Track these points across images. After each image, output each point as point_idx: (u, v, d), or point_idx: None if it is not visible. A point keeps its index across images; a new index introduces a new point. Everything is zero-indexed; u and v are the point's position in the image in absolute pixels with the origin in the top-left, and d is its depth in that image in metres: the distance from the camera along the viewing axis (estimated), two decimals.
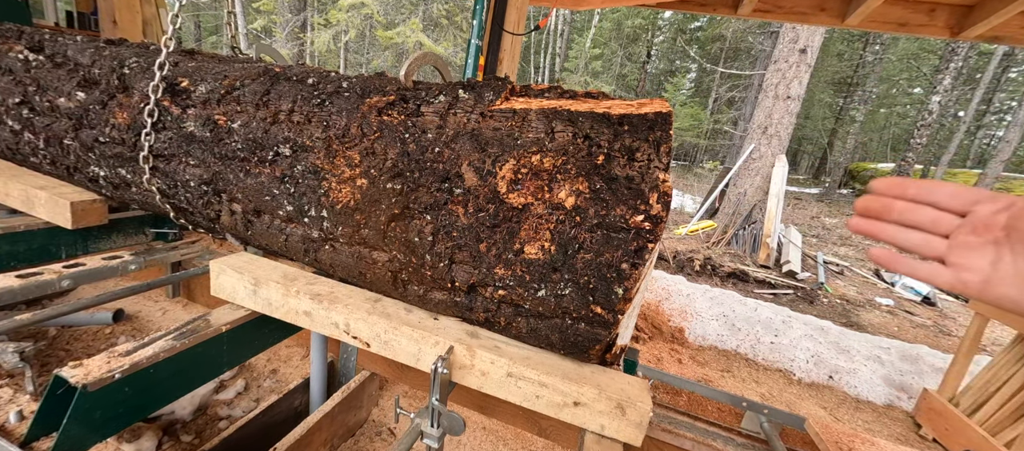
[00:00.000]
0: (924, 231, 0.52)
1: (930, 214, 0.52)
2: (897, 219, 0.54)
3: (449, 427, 0.89)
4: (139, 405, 0.86)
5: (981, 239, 0.49)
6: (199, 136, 1.05)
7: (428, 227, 0.88)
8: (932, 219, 0.52)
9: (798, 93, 5.95)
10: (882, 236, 0.54)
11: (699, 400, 1.82)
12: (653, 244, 0.76)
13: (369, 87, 1.00)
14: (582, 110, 0.86)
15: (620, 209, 0.76)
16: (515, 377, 0.88)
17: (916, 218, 0.53)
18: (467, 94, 0.95)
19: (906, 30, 2.59)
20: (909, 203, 0.53)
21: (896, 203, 0.54)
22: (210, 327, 0.99)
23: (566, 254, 0.78)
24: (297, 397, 1.59)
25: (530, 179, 0.83)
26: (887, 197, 0.55)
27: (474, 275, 0.87)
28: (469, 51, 1.96)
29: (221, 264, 1.08)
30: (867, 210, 0.56)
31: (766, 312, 3.21)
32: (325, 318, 1.00)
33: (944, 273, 0.50)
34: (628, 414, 0.83)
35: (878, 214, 0.55)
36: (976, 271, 0.48)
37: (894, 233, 0.54)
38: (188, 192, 1.10)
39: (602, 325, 0.80)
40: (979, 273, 0.48)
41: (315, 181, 0.95)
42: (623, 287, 0.76)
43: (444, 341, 0.91)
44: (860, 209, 0.56)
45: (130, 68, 1.15)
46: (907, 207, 0.53)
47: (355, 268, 1.00)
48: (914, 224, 0.53)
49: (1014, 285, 0.46)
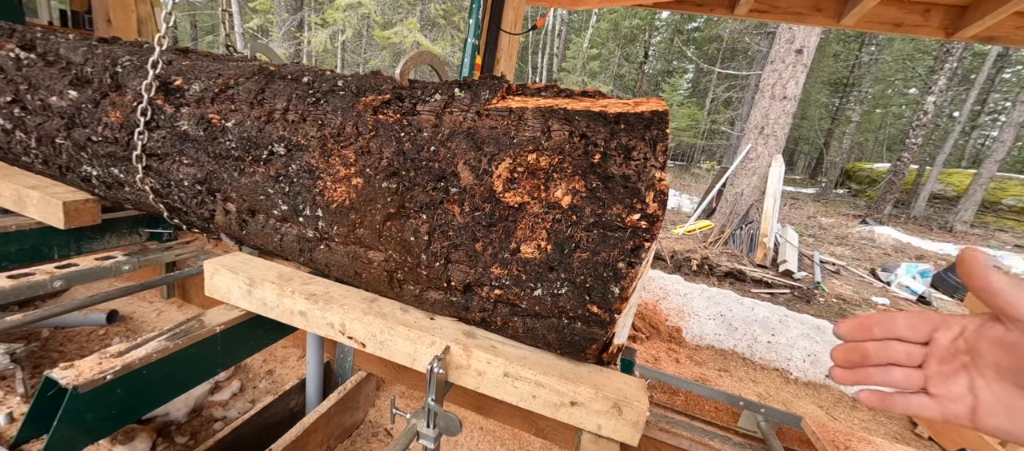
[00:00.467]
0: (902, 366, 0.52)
1: (902, 349, 0.51)
2: (874, 361, 0.53)
3: (445, 428, 0.88)
4: (132, 407, 0.85)
5: (950, 367, 0.48)
6: (193, 135, 1.04)
7: (424, 226, 0.87)
8: (906, 353, 0.51)
9: (794, 93, 5.97)
10: (867, 382, 0.54)
11: (696, 399, 1.82)
12: (650, 243, 0.75)
13: (365, 86, 0.99)
14: (578, 109, 0.86)
15: (616, 208, 0.76)
16: (512, 377, 0.88)
17: (891, 355, 0.52)
18: (463, 93, 0.94)
19: (901, 30, 2.60)
20: (878, 342, 0.52)
21: (868, 346, 0.53)
22: (204, 328, 0.98)
23: (562, 253, 0.78)
24: (293, 398, 1.58)
25: (526, 178, 0.82)
26: (855, 341, 0.54)
27: (470, 275, 0.86)
28: (465, 50, 1.95)
29: (215, 264, 1.07)
30: (846, 360, 0.55)
31: (763, 311, 3.22)
32: (320, 318, 0.99)
33: (932, 406, 0.50)
34: (625, 414, 0.83)
35: (855, 361, 0.54)
36: (958, 400, 0.48)
37: (877, 376, 0.53)
38: (182, 192, 1.09)
39: (599, 324, 0.80)
40: (962, 402, 0.47)
41: (310, 180, 0.94)
42: (619, 286, 0.75)
43: (440, 341, 0.91)
44: (839, 359, 0.55)
45: (123, 66, 1.14)
46: (879, 347, 0.52)
47: (351, 268, 0.99)
48: (891, 361, 0.52)
49: (999, 414, 0.45)
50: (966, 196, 12.00)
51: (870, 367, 0.53)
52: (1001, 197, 13.42)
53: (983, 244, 10.37)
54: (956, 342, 0.48)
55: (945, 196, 14.41)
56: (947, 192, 14.48)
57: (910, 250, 8.08)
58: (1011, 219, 13.01)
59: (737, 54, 21.04)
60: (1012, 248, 10.13)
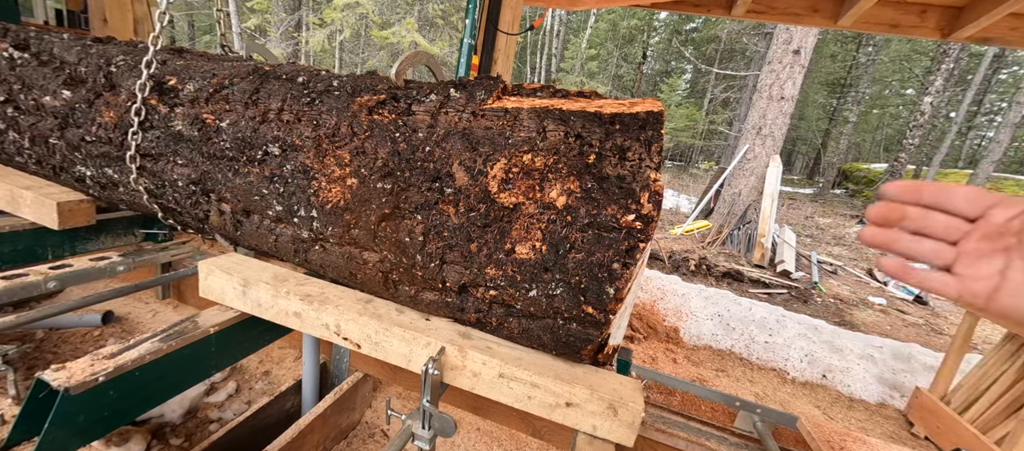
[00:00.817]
0: (936, 239, 0.50)
1: (943, 221, 0.50)
2: (910, 226, 0.52)
3: (440, 429, 0.88)
4: (124, 408, 0.85)
5: (992, 246, 0.47)
6: (187, 135, 1.03)
7: (419, 227, 0.87)
8: (945, 226, 0.50)
9: (792, 94, 5.99)
10: (895, 248, 0.52)
11: (693, 400, 1.82)
12: (644, 244, 0.75)
13: (360, 86, 0.99)
14: (574, 109, 0.86)
15: (611, 208, 0.75)
16: (507, 378, 0.88)
17: (928, 225, 0.51)
18: (459, 93, 0.94)
19: (898, 31, 2.61)
20: (922, 209, 0.51)
21: (909, 209, 0.52)
22: (198, 329, 0.98)
23: (557, 254, 0.78)
24: (289, 399, 1.57)
25: (521, 178, 0.82)
26: (900, 203, 0.52)
27: (465, 275, 0.86)
28: (462, 50, 1.95)
29: (210, 265, 1.07)
30: (881, 218, 0.53)
31: (760, 311, 3.22)
32: (315, 319, 0.99)
33: (952, 283, 0.49)
34: (620, 415, 0.83)
35: (891, 221, 0.53)
36: (983, 280, 0.47)
37: (907, 244, 0.52)
38: (176, 192, 1.08)
39: (594, 325, 0.80)
40: (986, 282, 0.47)
41: (305, 181, 0.94)
42: (614, 287, 0.75)
43: (435, 342, 0.91)
44: (875, 217, 0.54)
45: (117, 66, 1.14)
46: (920, 213, 0.51)
47: (346, 269, 0.99)
48: (926, 231, 0.51)
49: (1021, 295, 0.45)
50: None
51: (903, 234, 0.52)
52: None
53: None
54: (1011, 222, 0.46)
55: None
56: None
57: None
58: None
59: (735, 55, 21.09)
60: None
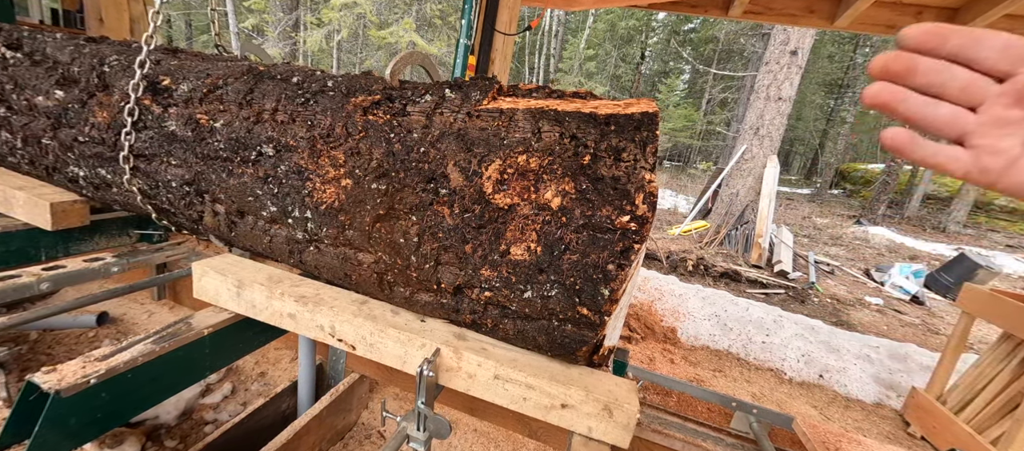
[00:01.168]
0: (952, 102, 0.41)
1: (963, 77, 0.40)
2: (922, 81, 0.41)
3: (435, 430, 0.88)
4: (117, 411, 0.84)
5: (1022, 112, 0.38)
6: (181, 135, 1.03)
7: (413, 228, 0.87)
8: (964, 84, 0.40)
9: (789, 94, 6.01)
10: (902, 110, 0.42)
11: (689, 400, 1.83)
12: (639, 245, 0.75)
13: (355, 86, 0.99)
14: (569, 110, 0.85)
15: (606, 209, 0.75)
16: (502, 379, 0.87)
17: (944, 82, 0.41)
18: (454, 93, 0.94)
19: (894, 33, 2.61)
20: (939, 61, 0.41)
21: (923, 61, 0.41)
22: (192, 330, 0.97)
23: (552, 255, 0.78)
24: (285, 400, 1.57)
25: (516, 179, 0.82)
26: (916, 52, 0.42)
27: (460, 276, 0.85)
28: (457, 51, 1.94)
29: (204, 266, 1.06)
30: (886, 71, 0.42)
31: (757, 312, 3.23)
32: (310, 321, 0.98)
33: (963, 158, 0.41)
34: (615, 416, 0.82)
35: (899, 76, 0.42)
36: (1002, 153, 0.39)
37: (917, 107, 0.42)
38: (170, 193, 1.08)
39: (589, 326, 0.79)
40: (1004, 156, 0.39)
41: (299, 181, 0.94)
42: (609, 288, 0.75)
43: (430, 343, 0.90)
44: (878, 70, 0.43)
45: (110, 66, 1.13)
46: (935, 67, 0.41)
47: (340, 270, 0.98)
48: (940, 92, 0.41)
49: None
50: (959, 197, 12.11)
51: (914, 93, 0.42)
52: (993, 198, 13.56)
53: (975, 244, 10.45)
54: None
55: (938, 197, 14.53)
56: (940, 193, 14.60)
57: (904, 250, 8.15)
58: (1003, 219, 13.15)
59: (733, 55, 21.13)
60: (1004, 248, 10.23)
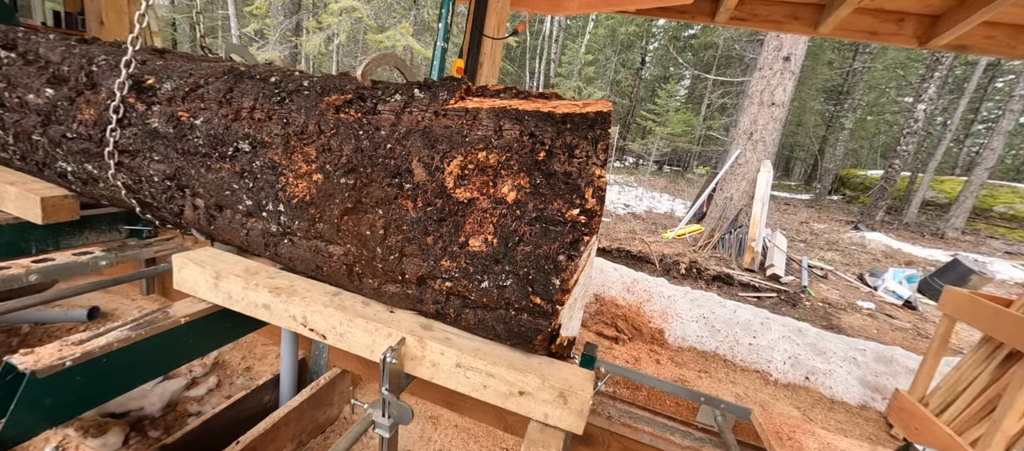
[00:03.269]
0: None
1: None
2: None
3: (398, 416, 0.91)
4: (91, 394, 0.88)
5: None
6: (163, 132, 1.07)
7: (380, 221, 0.91)
8: None
9: (783, 99, 6.06)
10: None
11: (658, 395, 1.85)
12: (589, 237, 0.79)
13: (329, 86, 1.03)
14: (529, 109, 0.89)
15: (557, 203, 0.79)
16: (463, 368, 0.91)
17: None
18: (423, 93, 0.98)
19: (876, 39, 2.66)
20: None
21: None
22: (168, 318, 1.01)
23: (507, 247, 0.81)
24: (267, 393, 1.60)
25: (476, 175, 0.86)
26: None
27: (423, 268, 0.89)
28: (435, 53, 1.99)
29: (183, 258, 1.10)
30: None
31: (745, 314, 3.25)
32: (283, 311, 1.02)
33: None
34: (570, 403, 0.86)
35: None
36: None
37: None
38: (152, 187, 1.12)
39: (543, 315, 0.83)
40: None
41: (273, 176, 0.98)
42: (560, 278, 0.79)
43: (396, 333, 0.94)
44: None
45: (98, 66, 1.18)
46: None
47: (313, 262, 1.02)
48: None
49: None
50: (957, 203, 12.11)
51: None
52: (992, 204, 13.55)
53: (973, 250, 10.45)
54: None
55: (937, 203, 14.52)
56: (939, 199, 14.60)
57: (900, 255, 8.15)
58: (1002, 226, 13.13)
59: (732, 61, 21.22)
60: (1002, 255, 10.22)
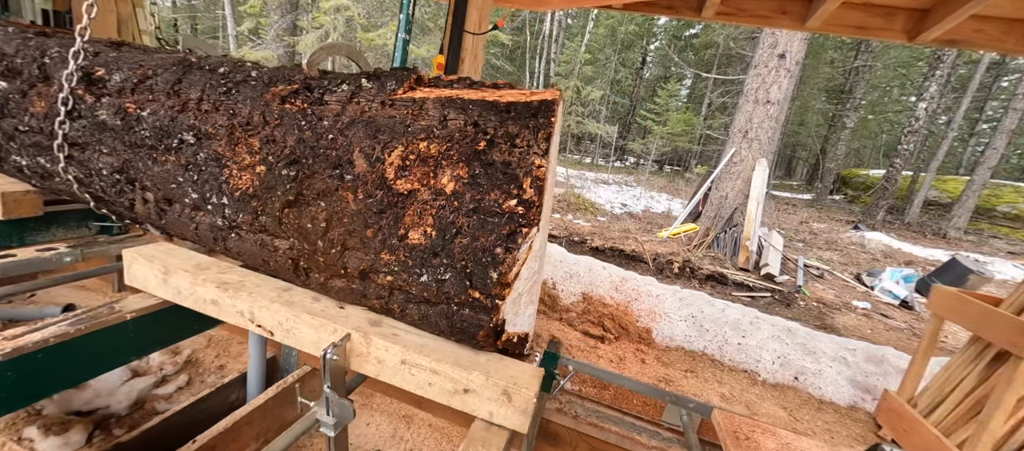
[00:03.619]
0: None
1: None
2: None
3: (340, 415, 0.88)
4: (27, 390, 0.86)
5: None
6: (110, 124, 1.05)
7: (322, 214, 0.88)
8: None
9: (778, 97, 6.01)
10: None
11: (626, 394, 1.82)
12: (528, 229, 0.76)
13: (277, 77, 1.01)
14: (474, 98, 0.87)
15: (495, 194, 0.76)
16: (409, 364, 0.88)
17: None
18: (371, 83, 0.95)
19: (865, 34, 2.62)
20: None
21: None
22: (113, 314, 0.99)
23: (445, 239, 0.79)
24: (233, 391, 1.58)
25: (417, 165, 0.83)
26: None
27: (364, 261, 0.87)
28: (396, 46, 1.96)
29: (133, 253, 1.08)
30: None
31: (734, 313, 3.21)
32: (231, 307, 1.00)
33: None
34: (514, 400, 0.83)
35: None
36: None
37: None
38: (102, 181, 1.10)
39: (483, 310, 0.80)
40: None
41: (217, 168, 0.95)
42: (498, 272, 0.76)
43: (342, 329, 0.91)
44: None
45: (50, 58, 1.16)
46: None
47: (259, 256, 1.00)
48: None
49: None
50: (959, 202, 11.99)
51: None
52: (995, 204, 13.42)
53: (976, 251, 10.34)
54: None
55: (940, 202, 14.40)
56: (942, 198, 14.47)
57: (900, 255, 8.07)
58: (1005, 226, 13.00)
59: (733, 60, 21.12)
60: (1005, 255, 10.11)
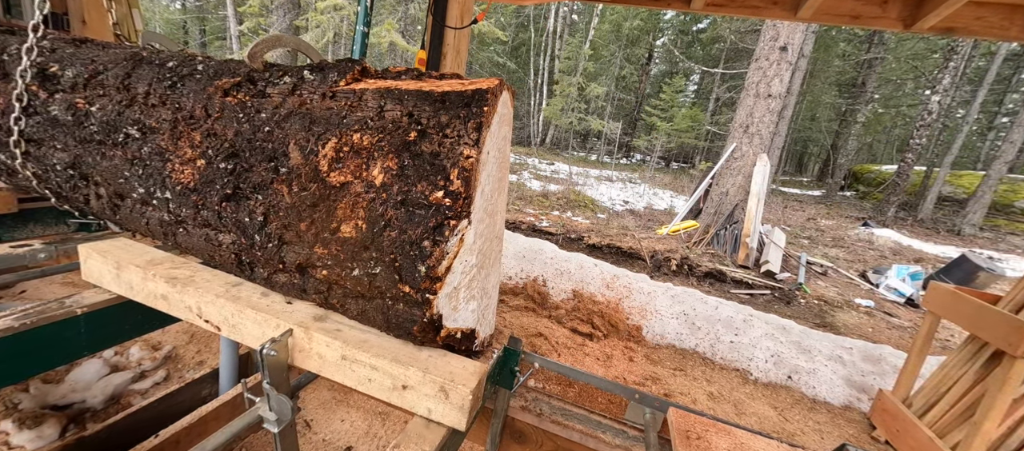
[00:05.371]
0: None
1: None
2: None
3: (278, 411, 0.87)
4: None
5: None
6: (62, 120, 1.05)
7: (259, 208, 0.87)
8: None
9: (779, 91, 5.87)
10: None
11: (591, 391, 1.79)
12: (456, 221, 0.74)
13: (223, 70, 1.00)
14: (411, 89, 0.85)
15: (421, 186, 0.74)
16: (349, 360, 0.87)
17: None
18: (313, 75, 0.94)
19: (859, 23, 2.54)
20: None
21: None
22: (63, 309, 0.99)
23: (374, 232, 0.77)
24: (206, 386, 1.58)
25: (351, 157, 0.82)
26: None
27: (301, 255, 0.85)
28: (355, 39, 1.94)
29: (89, 248, 1.08)
30: None
31: (727, 311, 3.15)
32: (179, 302, 0.99)
33: None
34: (451, 397, 0.81)
35: None
36: None
37: None
38: (57, 177, 1.10)
39: (415, 304, 0.78)
40: None
41: (161, 163, 0.95)
42: (426, 265, 0.74)
43: (284, 324, 0.90)
44: None
45: (9, 55, 1.17)
46: None
47: (205, 250, 0.99)
48: None
49: None
50: (974, 198, 11.67)
51: None
52: (1013, 199, 13.04)
53: (991, 248, 10.06)
54: None
55: (955, 198, 14.03)
56: (957, 194, 14.09)
57: (909, 252, 7.88)
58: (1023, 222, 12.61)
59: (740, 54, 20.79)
60: (1022, 252, 9.82)
